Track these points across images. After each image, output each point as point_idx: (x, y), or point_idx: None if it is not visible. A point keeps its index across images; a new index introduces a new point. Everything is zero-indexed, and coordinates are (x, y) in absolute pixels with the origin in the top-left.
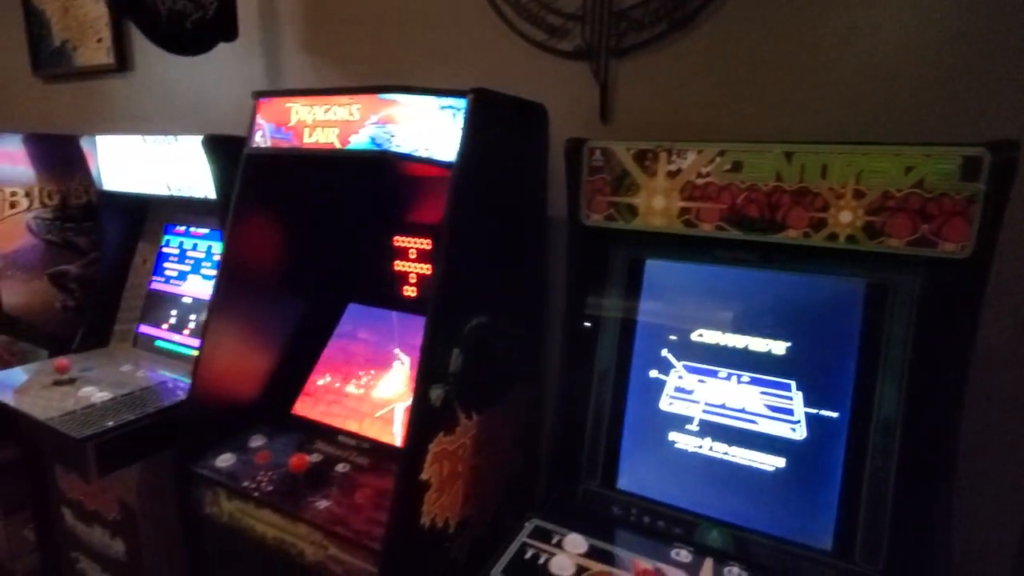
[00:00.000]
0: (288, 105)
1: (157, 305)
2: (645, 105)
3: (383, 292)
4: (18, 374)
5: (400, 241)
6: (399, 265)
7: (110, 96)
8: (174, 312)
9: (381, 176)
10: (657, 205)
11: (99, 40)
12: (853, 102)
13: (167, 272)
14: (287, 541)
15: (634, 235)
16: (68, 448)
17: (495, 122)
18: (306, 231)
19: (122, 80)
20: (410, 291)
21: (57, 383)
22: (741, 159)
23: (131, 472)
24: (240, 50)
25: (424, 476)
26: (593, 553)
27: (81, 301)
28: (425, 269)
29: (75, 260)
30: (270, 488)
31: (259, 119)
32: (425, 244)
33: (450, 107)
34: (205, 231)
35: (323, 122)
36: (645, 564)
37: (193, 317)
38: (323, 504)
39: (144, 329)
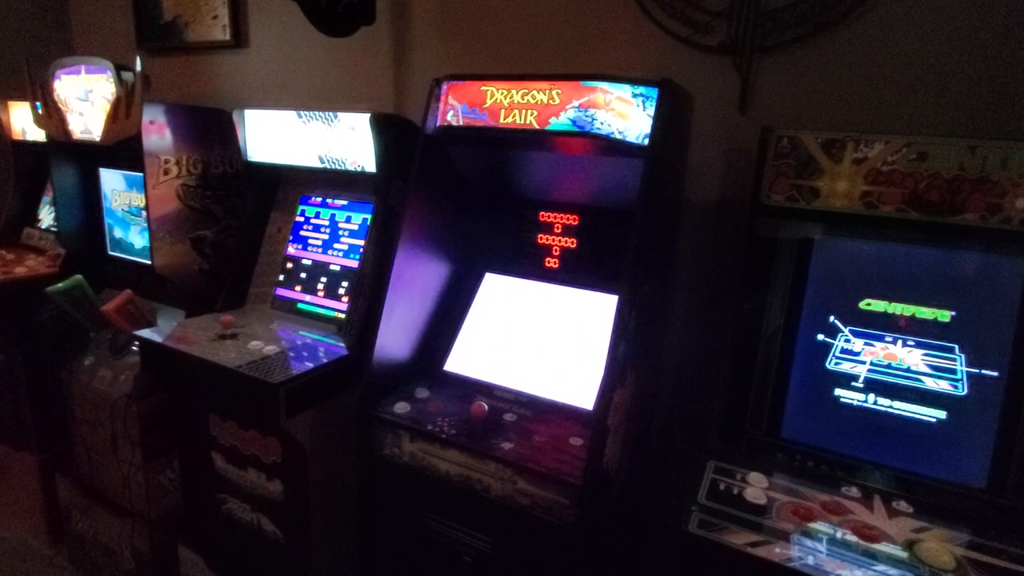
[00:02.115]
0: (484, 88)
1: (295, 271)
2: (783, 98)
3: (521, 263)
4: (181, 329)
5: (546, 216)
6: (543, 238)
7: (220, 71)
8: (304, 276)
9: (534, 155)
10: (840, 188)
11: (214, 17)
12: (997, 100)
13: (308, 240)
14: (472, 477)
15: (806, 214)
16: (259, 393)
17: (672, 109)
18: (459, 204)
19: (235, 56)
20: (552, 263)
21: (222, 336)
22: (927, 150)
23: (303, 418)
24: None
25: (609, 422)
26: (775, 487)
27: (214, 265)
28: (569, 242)
29: (211, 226)
30: (453, 431)
31: (451, 100)
32: (571, 220)
33: (641, 95)
34: (343, 202)
35: (521, 105)
36: (824, 497)
37: (324, 280)
38: (507, 446)
39: (282, 292)
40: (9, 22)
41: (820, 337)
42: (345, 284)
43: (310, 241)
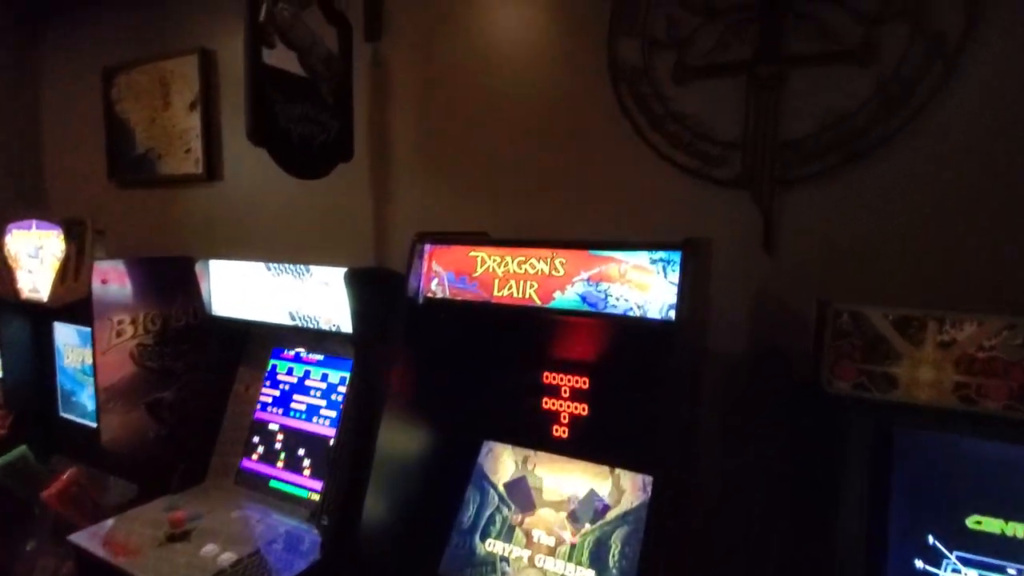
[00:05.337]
0: (473, 254)
1: (264, 438)
2: (815, 237)
3: (525, 431)
4: (124, 526)
5: (551, 378)
6: (549, 403)
7: (193, 204)
8: (274, 445)
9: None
10: (924, 377)
11: (187, 151)
12: None
13: (279, 402)
14: None
15: (882, 405)
16: None
17: (697, 269)
18: (451, 366)
19: (208, 189)
20: (560, 431)
21: (171, 539)
22: None
23: None
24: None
25: None
26: None
27: (174, 428)
28: (579, 409)
29: (170, 386)
30: None
31: (435, 266)
32: (580, 382)
33: (661, 260)
34: (319, 357)
35: (518, 275)
36: None
37: (296, 451)
38: None
39: (249, 464)
40: None
41: (919, 564)
42: (318, 455)
43: (281, 404)
